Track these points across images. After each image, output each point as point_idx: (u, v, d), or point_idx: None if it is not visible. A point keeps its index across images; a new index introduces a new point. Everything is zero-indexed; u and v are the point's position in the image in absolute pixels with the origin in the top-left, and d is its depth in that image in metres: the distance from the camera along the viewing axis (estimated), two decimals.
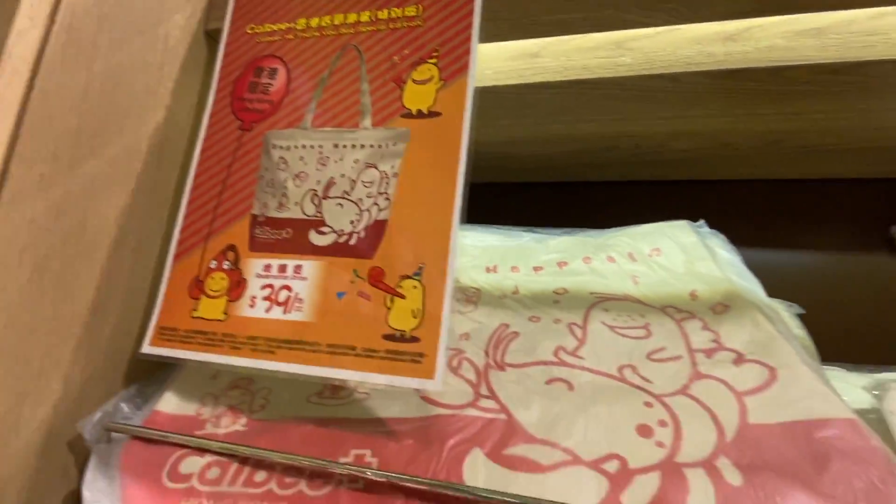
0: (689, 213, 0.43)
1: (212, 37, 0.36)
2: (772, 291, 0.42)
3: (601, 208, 0.54)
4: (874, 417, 0.28)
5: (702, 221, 0.43)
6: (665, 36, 0.35)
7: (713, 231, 0.43)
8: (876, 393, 0.30)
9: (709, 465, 0.22)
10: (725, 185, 0.51)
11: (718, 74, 0.35)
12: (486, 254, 0.44)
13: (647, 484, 0.21)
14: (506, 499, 0.20)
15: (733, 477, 0.21)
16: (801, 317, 0.42)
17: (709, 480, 0.21)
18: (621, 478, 0.22)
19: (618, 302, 0.36)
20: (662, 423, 0.25)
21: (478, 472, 0.23)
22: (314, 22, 0.33)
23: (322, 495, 0.22)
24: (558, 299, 0.37)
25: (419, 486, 0.21)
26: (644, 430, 0.25)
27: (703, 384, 0.27)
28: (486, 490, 0.20)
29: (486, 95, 0.41)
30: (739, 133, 0.44)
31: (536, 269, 0.42)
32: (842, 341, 0.46)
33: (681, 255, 0.39)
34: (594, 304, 0.36)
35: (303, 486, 0.23)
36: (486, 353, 0.32)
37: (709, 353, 0.30)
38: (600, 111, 0.42)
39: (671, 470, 0.22)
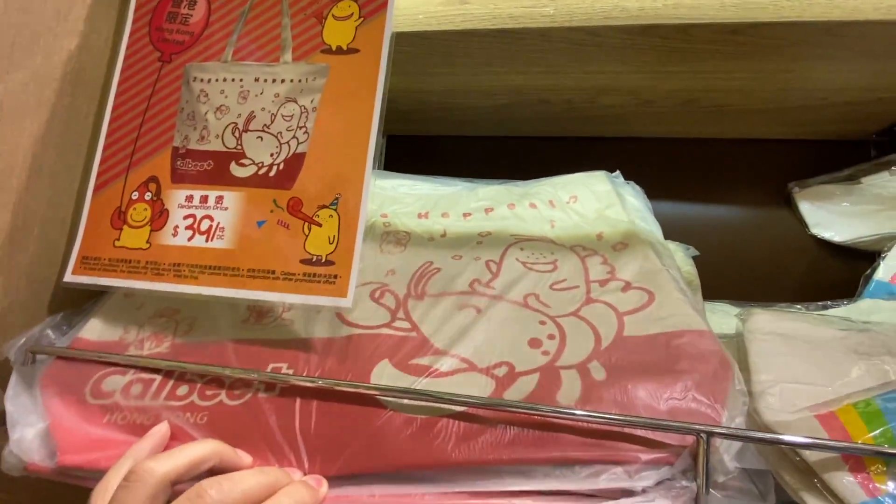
0: (610, 166, 0.47)
1: None
2: (678, 238, 0.47)
3: (533, 162, 0.56)
4: (740, 338, 0.33)
5: (617, 172, 0.46)
6: None
7: (628, 182, 0.46)
8: (741, 317, 0.35)
9: (581, 367, 0.26)
10: (646, 141, 0.55)
11: (632, 30, 0.38)
12: (419, 201, 0.46)
13: (528, 383, 0.25)
14: (398, 395, 0.22)
15: (599, 374, 0.25)
16: (701, 259, 0.47)
17: (578, 377, 0.25)
18: (507, 379, 0.25)
19: (533, 242, 0.39)
20: (551, 337, 0.29)
21: (383, 377, 0.25)
22: None
23: (241, 404, 0.24)
24: (481, 241, 0.40)
25: (326, 387, 0.23)
26: (534, 343, 0.28)
27: (592, 307, 0.31)
28: (384, 387, 0.23)
29: (418, 41, 0.42)
30: (656, 91, 0.47)
31: (465, 215, 0.44)
32: (740, 283, 0.52)
33: (594, 203, 0.43)
34: (512, 244, 0.39)
35: (223, 396, 0.25)
36: (409, 286, 0.35)
37: (603, 283, 0.34)
38: (529, 63, 0.44)
39: (549, 371, 0.26)
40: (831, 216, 0.52)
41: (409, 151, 0.61)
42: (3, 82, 0.28)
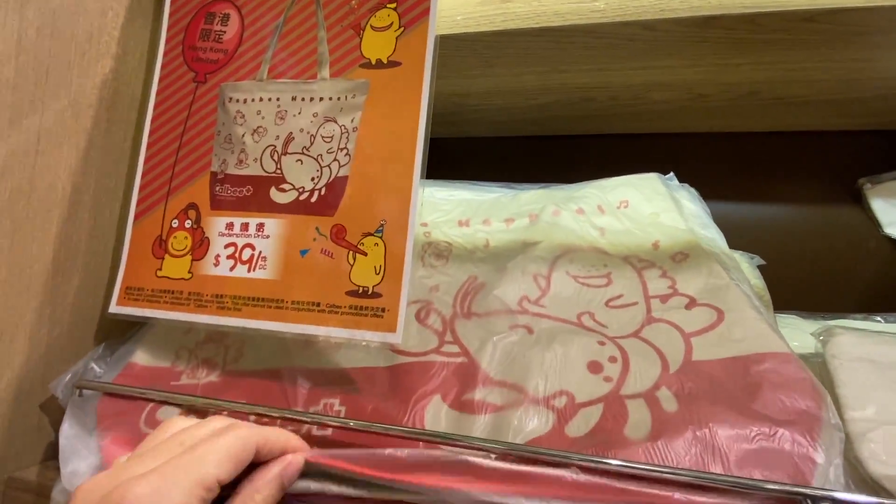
0: (661, 166, 0.44)
1: None
2: (740, 243, 0.43)
3: (576, 163, 0.53)
4: (819, 361, 0.30)
5: (671, 174, 0.43)
6: None
7: (682, 184, 0.43)
8: (822, 338, 0.31)
9: (649, 396, 0.24)
10: (699, 137, 0.51)
11: (692, 22, 0.34)
12: (458, 208, 0.44)
13: (590, 415, 0.23)
14: (456, 441, 0.21)
15: (670, 405, 0.23)
16: (766, 267, 0.43)
17: (647, 408, 0.23)
18: (567, 411, 0.23)
19: (583, 253, 0.36)
20: (612, 360, 0.26)
21: (439, 418, 0.24)
22: None
23: None
24: (526, 251, 0.37)
25: (381, 433, 0.22)
26: (594, 367, 0.26)
27: (654, 327, 0.29)
28: (442, 433, 0.22)
29: (456, 44, 0.39)
30: (713, 84, 0.43)
31: (508, 221, 0.42)
32: (807, 291, 0.49)
33: (648, 208, 0.40)
34: (560, 255, 0.36)
35: None
36: (454, 304, 0.33)
37: (664, 298, 0.31)
38: (574, 60, 0.41)
39: (614, 401, 0.24)
40: None
41: (444, 155, 0.59)
42: (40, 113, 0.27)
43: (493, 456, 0.21)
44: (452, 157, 0.59)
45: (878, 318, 0.41)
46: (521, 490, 0.20)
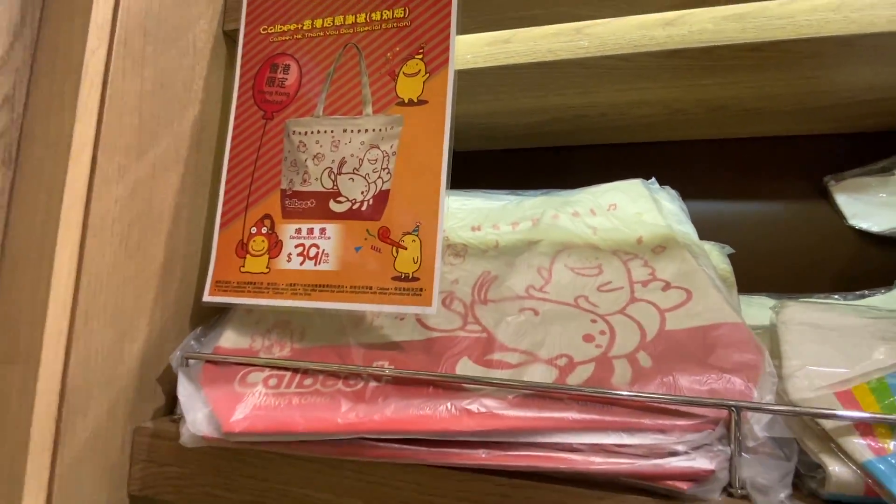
0: (645, 171, 0.51)
1: (230, 37, 0.42)
2: (717, 235, 0.50)
3: (572, 170, 0.61)
4: (775, 330, 0.36)
5: (653, 179, 0.50)
6: (615, 23, 0.41)
7: (664, 187, 0.50)
8: (776, 310, 0.38)
9: (631, 357, 0.31)
10: (680, 144, 0.58)
11: (660, 54, 0.42)
12: (471, 215, 0.52)
13: (585, 370, 0.30)
14: (481, 384, 0.28)
15: (646, 362, 0.30)
16: (742, 256, 0.50)
17: (628, 365, 0.30)
18: (568, 368, 0.31)
19: (578, 248, 0.44)
20: (602, 333, 0.34)
21: (467, 370, 0.31)
22: (318, 23, 0.39)
23: (354, 390, 0.31)
24: (531, 249, 0.45)
25: (424, 378, 0.30)
26: (588, 338, 0.33)
27: (636, 306, 0.36)
28: (472, 377, 0.29)
29: (468, 76, 0.48)
30: (687, 101, 0.51)
31: (514, 225, 0.50)
32: (779, 276, 0.55)
33: (633, 208, 0.47)
34: (560, 251, 0.44)
35: (340, 385, 0.31)
36: (473, 293, 0.41)
37: (645, 283, 0.38)
38: (566, 87, 0.49)
39: (603, 361, 0.31)
40: (868, 207, 0.54)
41: (457, 167, 0.67)
42: (154, 147, 0.36)
43: (511, 395, 0.28)
44: (463, 169, 0.67)
45: (837, 297, 0.48)
46: (534, 424, 0.27)
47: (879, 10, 0.37)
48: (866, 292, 0.48)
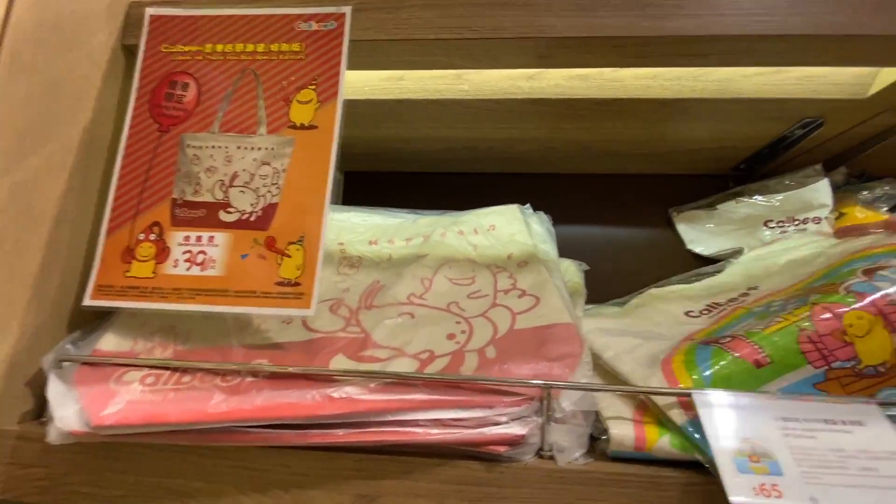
0: (526, 197, 0.59)
1: (130, 51, 0.44)
2: (581, 255, 0.59)
3: (466, 193, 0.68)
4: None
5: (528, 205, 0.58)
6: (488, 73, 0.48)
7: (537, 212, 0.58)
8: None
9: (480, 350, 0.37)
10: (555, 176, 0.68)
11: (527, 102, 0.50)
12: (370, 230, 0.57)
13: (442, 361, 0.36)
14: (348, 376, 0.32)
15: (491, 354, 0.36)
16: (600, 272, 0.59)
17: (477, 357, 0.36)
18: (428, 360, 0.36)
19: (459, 263, 0.50)
20: (463, 332, 0.39)
21: (340, 365, 0.35)
22: (220, 47, 0.42)
23: (230, 385, 0.33)
24: (418, 261, 0.50)
25: (296, 372, 0.33)
26: (451, 336, 0.39)
27: (495, 310, 0.42)
28: (338, 370, 0.33)
29: (368, 106, 0.53)
30: (558, 140, 0.60)
31: (407, 240, 0.55)
32: (633, 288, 0.65)
33: (508, 230, 0.54)
34: (442, 264, 0.50)
35: (217, 381, 0.34)
36: (360, 300, 0.45)
37: (506, 291, 0.45)
38: (456, 122, 0.55)
39: (459, 354, 0.36)
40: (701, 234, 0.66)
41: (365, 186, 0.71)
42: (37, 153, 0.36)
43: (372, 384, 0.32)
44: (371, 188, 0.71)
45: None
46: (385, 405, 0.31)
47: (683, 81, 0.48)
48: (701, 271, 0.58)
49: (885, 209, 0.60)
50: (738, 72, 0.47)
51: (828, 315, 0.33)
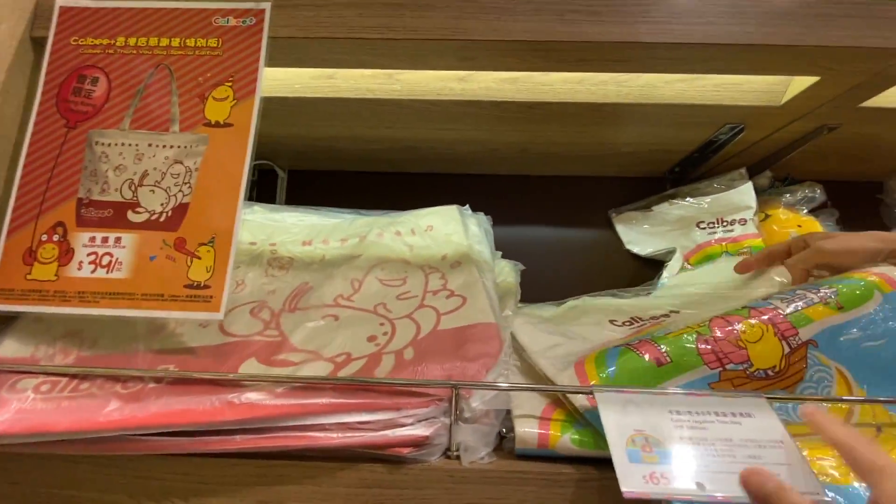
0: (467, 197, 0.59)
1: (38, 43, 0.42)
2: (520, 256, 0.60)
3: (407, 193, 0.68)
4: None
5: (467, 206, 0.58)
6: (420, 73, 0.48)
7: (476, 213, 0.59)
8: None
9: (398, 352, 0.37)
10: (496, 178, 0.68)
11: (460, 103, 0.50)
12: (305, 231, 0.56)
13: (358, 364, 0.35)
14: (252, 380, 0.32)
15: (409, 355, 0.36)
16: (539, 271, 0.60)
17: (393, 358, 0.36)
18: (344, 363, 0.35)
19: (392, 263, 0.50)
20: (385, 333, 0.39)
21: (251, 370, 0.34)
22: (132, 41, 0.41)
23: (130, 392, 0.32)
24: (350, 262, 0.50)
25: (200, 377, 0.32)
26: (372, 338, 0.39)
27: (421, 310, 0.42)
28: (246, 375, 0.32)
29: (299, 104, 0.52)
30: (496, 142, 0.60)
31: (343, 241, 0.54)
32: (573, 287, 0.66)
33: (445, 230, 0.54)
34: (375, 265, 0.49)
35: (118, 388, 0.32)
36: (284, 303, 0.44)
37: (435, 292, 0.45)
38: (392, 122, 0.55)
39: (376, 356, 0.36)
40: (638, 235, 0.68)
41: (308, 185, 0.70)
42: None
43: (279, 388, 0.32)
44: (313, 186, 0.70)
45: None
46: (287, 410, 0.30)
47: (609, 86, 0.49)
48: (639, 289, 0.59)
49: (806, 211, 0.63)
50: (660, 78, 0.48)
51: (724, 323, 0.35)
